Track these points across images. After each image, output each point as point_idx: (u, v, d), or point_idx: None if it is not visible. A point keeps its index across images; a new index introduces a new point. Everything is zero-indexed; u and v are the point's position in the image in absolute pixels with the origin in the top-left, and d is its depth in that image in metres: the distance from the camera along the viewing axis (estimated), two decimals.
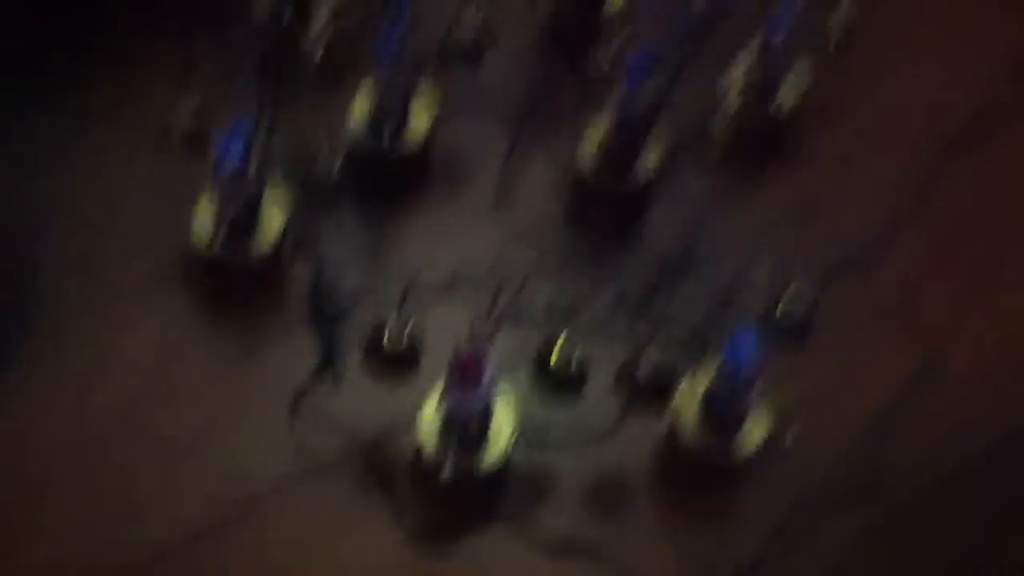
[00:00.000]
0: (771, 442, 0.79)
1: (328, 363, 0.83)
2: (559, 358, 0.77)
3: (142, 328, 0.84)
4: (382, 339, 0.76)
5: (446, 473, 0.75)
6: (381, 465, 0.80)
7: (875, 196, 0.95)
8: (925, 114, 0.99)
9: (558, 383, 0.78)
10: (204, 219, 0.84)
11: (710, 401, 0.79)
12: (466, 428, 0.75)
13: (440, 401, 0.76)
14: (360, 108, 0.90)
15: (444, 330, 0.81)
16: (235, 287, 0.86)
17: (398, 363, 0.77)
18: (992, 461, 0.84)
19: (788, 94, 0.94)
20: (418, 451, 0.78)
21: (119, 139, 0.91)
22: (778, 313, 0.80)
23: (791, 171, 0.95)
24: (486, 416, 0.76)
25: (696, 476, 0.82)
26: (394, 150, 0.89)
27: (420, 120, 0.90)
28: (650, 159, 0.90)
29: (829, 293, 0.89)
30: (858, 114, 0.99)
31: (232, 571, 0.76)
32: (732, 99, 0.94)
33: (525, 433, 0.81)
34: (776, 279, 0.81)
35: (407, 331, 0.76)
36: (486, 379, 0.73)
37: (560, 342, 0.77)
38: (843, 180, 0.95)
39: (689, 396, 0.81)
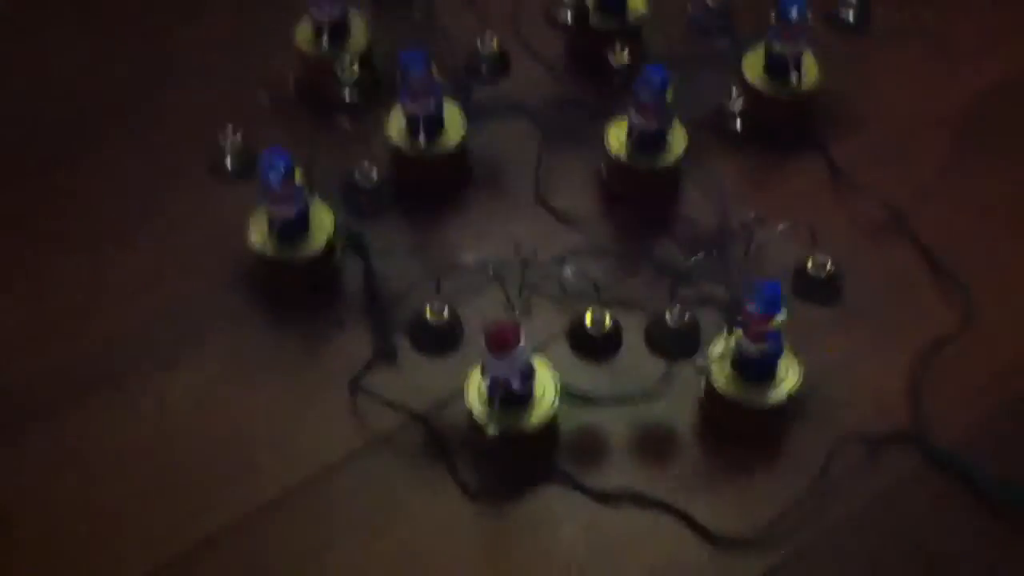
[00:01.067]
0: (804, 391, 0.81)
1: (381, 348, 0.88)
2: (592, 324, 0.80)
3: (209, 329, 0.90)
4: (426, 320, 0.80)
5: (491, 430, 0.79)
6: (437, 432, 0.84)
7: (904, 166, 0.98)
8: (944, 93, 1.03)
9: (594, 347, 0.81)
10: (260, 228, 0.90)
11: (742, 354, 0.82)
12: (509, 390, 0.79)
13: (483, 370, 0.80)
14: (397, 119, 0.96)
15: (486, 309, 0.86)
16: (292, 286, 0.92)
17: (443, 341, 0.82)
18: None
19: (807, 75, 0.97)
20: (470, 414, 0.82)
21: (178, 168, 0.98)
22: (810, 270, 0.82)
23: (815, 147, 0.99)
24: (527, 379, 0.80)
25: (735, 425, 0.85)
26: (432, 153, 0.94)
27: (454, 126, 0.96)
28: (676, 143, 0.95)
29: (862, 254, 0.93)
30: (879, 91, 1.03)
31: (309, 533, 0.81)
32: (753, 81, 0.99)
33: (570, 395, 0.85)
34: (809, 241, 0.83)
35: (446, 311, 0.80)
36: (519, 347, 0.77)
37: (591, 310, 0.80)
38: (870, 151, 0.99)
39: (724, 351, 0.84)
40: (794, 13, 0.93)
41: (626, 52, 0.96)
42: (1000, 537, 0.80)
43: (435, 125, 0.94)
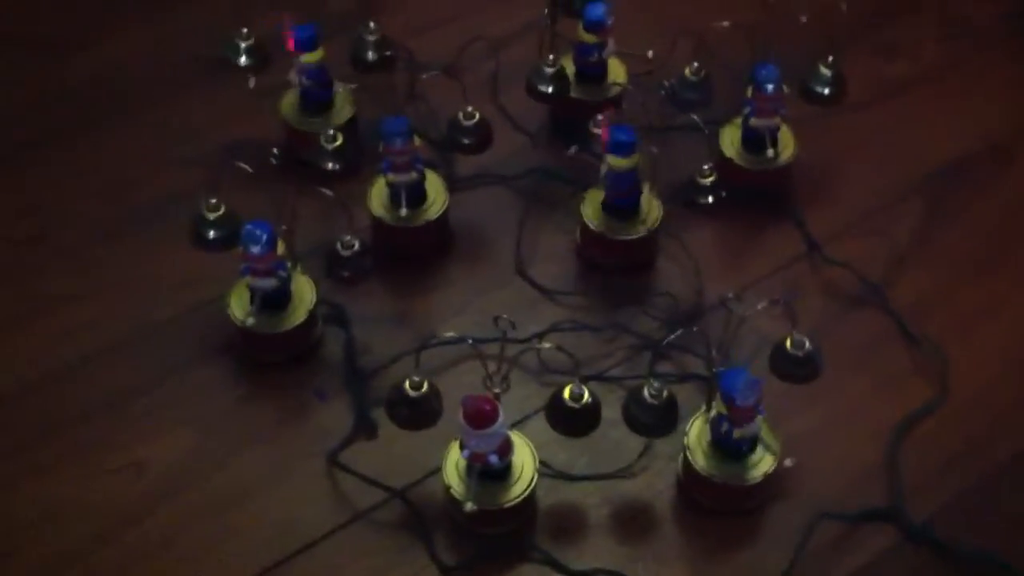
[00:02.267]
0: (779, 469, 0.81)
1: (361, 423, 0.88)
2: (571, 398, 0.80)
3: (190, 399, 0.90)
4: (405, 394, 0.80)
5: (469, 506, 0.79)
6: (416, 508, 0.85)
7: (878, 237, 1.00)
8: (910, 161, 1.05)
9: (573, 422, 0.81)
10: (241, 299, 0.90)
11: (718, 433, 0.82)
12: (487, 465, 0.80)
13: (461, 445, 0.80)
14: (379, 189, 0.97)
15: (466, 382, 0.87)
16: (273, 357, 0.92)
17: (422, 416, 0.81)
18: (999, 481, 0.86)
19: (782, 148, 0.99)
20: (448, 490, 0.82)
21: (160, 238, 0.98)
22: (789, 349, 0.83)
23: (790, 217, 1.01)
24: (506, 455, 0.81)
25: (714, 503, 0.85)
26: (414, 223, 0.95)
27: (436, 196, 0.97)
28: (651, 213, 0.95)
29: (838, 326, 0.94)
30: (848, 163, 1.05)
31: None
32: (729, 154, 1.00)
33: (548, 472, 0.85)
34: (786, 317, 0.84)
35: (426, 385, 0.80)
36: (498, 422, 0.78)
37: (570, 385, 0.81)
38: (842, 223, 1.01)
39: (700, 430, 0.84)
40: (770, 88, 0.95)
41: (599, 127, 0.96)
42: None
43: (417, 195, 0.95)
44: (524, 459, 0.83)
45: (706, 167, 0.94)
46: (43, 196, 1.01)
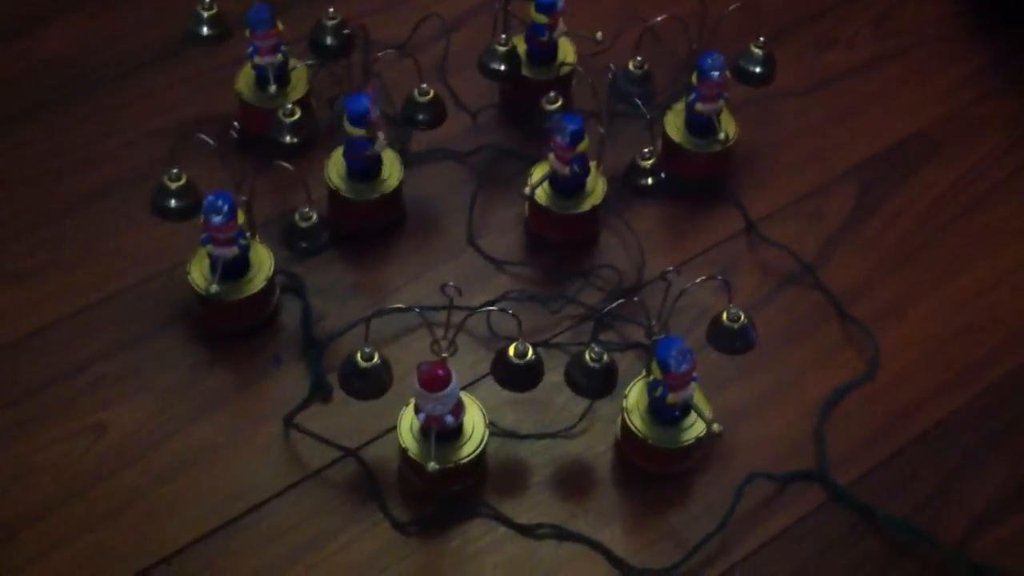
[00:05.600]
0: (709, 434, 0.86)
1: (317, 387, 0.91)
2: (516, 355, 0.84)
3: (150, 365, 0.93)
4: (357, 364, 0.83)
5: (431, 466, 0.83)
6: (369, 468, 0.88)
7: (813, 218, 1.04)
8: (844, 148, 1.10)
9: (518, 378, 0.85)
10: (201, 268, 0.93)
11: (653, 397, 0.86)
12: (442, 426, 0.83)
13: (416, 408, 0.84)
14: (336, 163, 1.00)
15: (418, 350, 0.90)
16: (232, 324, 0.95)
17: (373, 385, 0.84)
18: (921, 451, 0.91)
19: (724, 131, 1.02)
20: (404, 452, 0.86)
21: (121, 208, 1.01)
22: (724, 322, 0.87)
23: (729, 198, 1.05)
24: (458, 416, 0.84)
25: (650, 464, 0.89)
26: (370, 196, 0.98)
27: (392, 170, 1.00)
28: (595, 191, 1.00)
29: (773, 303, 0.99)
30: (785, 147, 1.10)
31: (241, 568, 0.84)
32: (674, 137, 1.04)
33: (496, 431, 0.89)
34: (723, 292, 0.88)
35: (376, 357, 0.83)
36: (452, 385, 0.82)
37: (515, 344, 0.84)
38: (778, 204, 1.05)
39: (639, 395, 0.89)
40: (715, 75, 0.99)
41: (560, 101, 1.00)
42: (898, 570, 0.86)
43: (373, 169, 0.98)
44: (475, 419, 0.87)
45: (646, 150, 0.98)
46: (8, 171, 1.03)
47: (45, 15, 1.13)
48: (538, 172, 0.99)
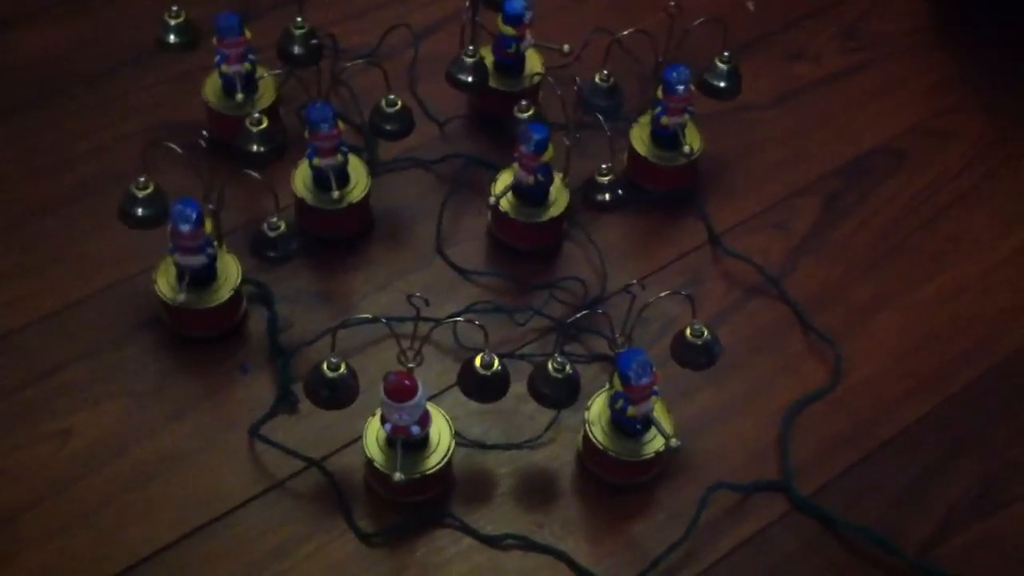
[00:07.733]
0: (669, 448, 0.86)
1: (283, 396, 0.92)
2: (481, 365, 0.84)
3: (118, 372, 0.93)
4: (323, 376, 0.83)
5: (397, 476, 0.83)
6: (334, 478, 0.88)
7: (776, 230, 1.05)
8: (809, 160, 1.11)
9: (483, 388, 0.85)
10: (168, 276, 0.93)
11: (614, 409, 0.87)
12: (408, 436, 0.84)
13: (382, 419, 0.84)
14: (304, 172, 1.00)
15: (384, 360, 0.90)
16: (198, 333, 0.95)
17: (339, 396, 0.84)
18: (885, 459, 0.92)
19: (689, 144, 1.03)
20: (370, 462, 0.86)
21: (88, 215, 1.00)
22: (688, 337, 0.87)
23: (694, 210, 1.06)
24: (424, 426, 0.85)
25: (612, 476, 0.90)
26: (338, 205, 0.98)
27: (359, 179, 1.01)
28: (558, 201, 1.00)
29: (737, 314, 0.99)
30: (750, 159, 1.11)
31: (206, 575, 0.84)
32: (640, 151, 1.05)
33: (463, 441, 0.90)
34: (689, 305, 0.89)
35: (342, 367, 0.83)
36: (418, 395, 0.82)
37: (481, 355, 0.85)
38: (743, 216, 1.06)
39: (601, 407, 0.89)
40: (681, 89, 1.00)
41: (533, 109, 1.00)
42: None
43: (341, 178, 0.99)
44: (441, 429, 0.87)
45: (604, 167, 0.98)
46: None
47: (17, 19, 1.13)
48: (503, 180, 1.00)
